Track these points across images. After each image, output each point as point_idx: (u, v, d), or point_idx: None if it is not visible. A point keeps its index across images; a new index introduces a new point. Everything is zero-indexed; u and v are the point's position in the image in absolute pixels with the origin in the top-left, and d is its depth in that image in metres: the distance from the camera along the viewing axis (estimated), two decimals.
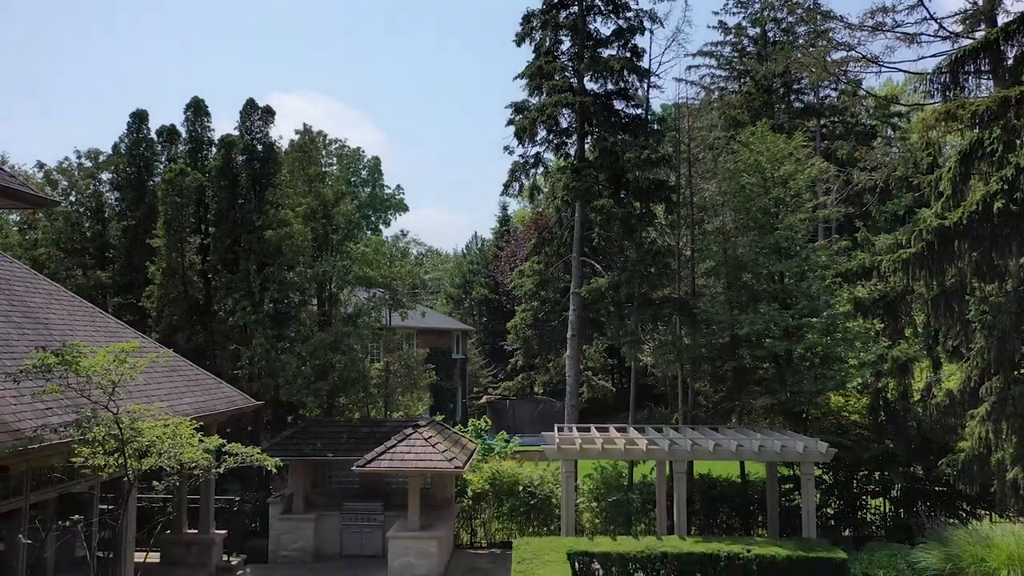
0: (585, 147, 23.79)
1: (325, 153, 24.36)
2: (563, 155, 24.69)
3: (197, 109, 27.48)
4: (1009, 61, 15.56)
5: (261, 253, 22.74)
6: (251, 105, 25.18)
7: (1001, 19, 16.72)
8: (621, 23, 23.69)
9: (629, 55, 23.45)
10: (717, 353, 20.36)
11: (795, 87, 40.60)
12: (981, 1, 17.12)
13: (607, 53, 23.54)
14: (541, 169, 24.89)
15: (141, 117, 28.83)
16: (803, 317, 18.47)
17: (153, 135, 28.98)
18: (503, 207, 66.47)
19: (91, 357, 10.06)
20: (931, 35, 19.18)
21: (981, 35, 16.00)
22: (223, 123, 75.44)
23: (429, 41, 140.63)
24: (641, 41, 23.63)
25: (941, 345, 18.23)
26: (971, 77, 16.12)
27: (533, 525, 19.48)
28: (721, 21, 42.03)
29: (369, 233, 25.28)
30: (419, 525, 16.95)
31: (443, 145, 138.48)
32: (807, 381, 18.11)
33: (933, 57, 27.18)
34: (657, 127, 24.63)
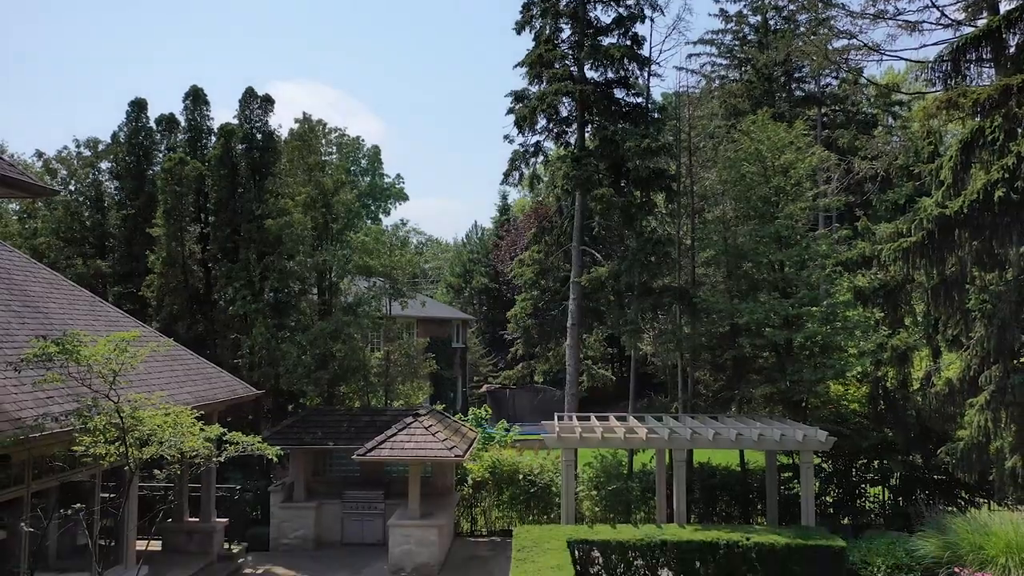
0: (585, 136, 23.74)
1: (325, 142, 24.30)
2: (563, 144, 24.65)
3: (196, 98, 27.40)
4: (1011, 49, 15.49)
5: (261, 242, 22.74)
6: (250, 94, 25.12)
7: (1003, 7, 16.70)
8: (621, 11, 23.58)
9: (629, 43, 23.35)
10: (717, 342, 20.39)
11: (796, 75, 40.46)
12: None
13: (607, 41, 23.44)
14: (541, 158, 24.84)
15: (140, 106, 28.76)
16: (803, 306, 18.47)
17: (152, 124, 28.93)
18: (503, 196, 66.51)
19: (91, 346, 10.07)
20: (933, 23, 19.13)
21: (983, 23, 15.93)
22: (222, 112, 75.25)
23: (429, 29, 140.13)
24: (641, 29, 23.67)
25: (941, 334, 18.24)
26: (973, 65, 16.06)
27: (533, 513, 19.56)
28: (722, 9, 41.82)
29: (369, 222, 25.27)
30: (419, 513, 17.02)
31: (443, 134, 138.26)
32: (807, 370, 18.15)
33: (935, 45, 27.14)
34: (657, 116, 24.55)
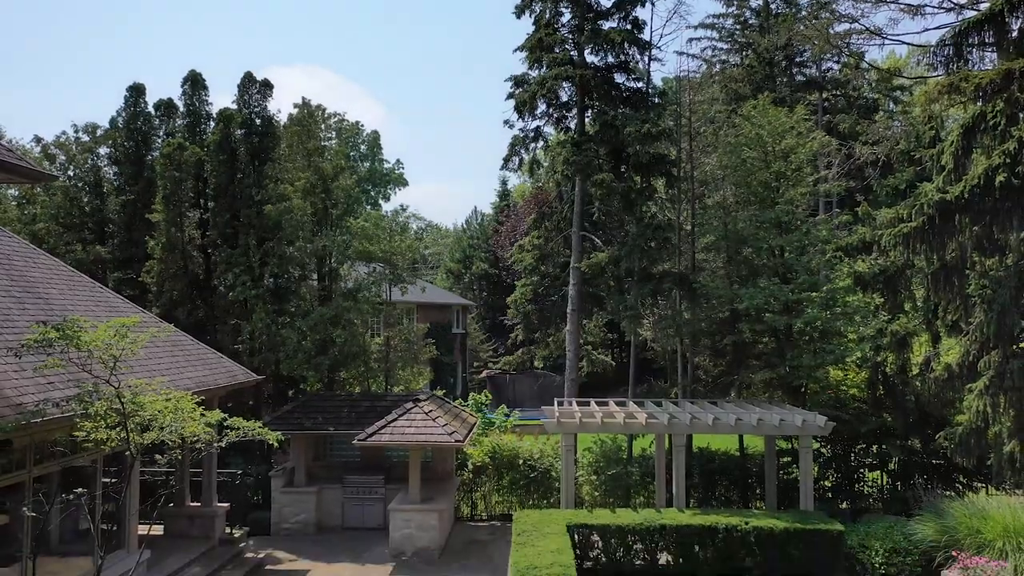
0: (585, 121, 23.65)
1: (324, 127, 24.12)
2: (563, 129, 24.55)
3: (195, 83, 27.27)
4: (1013, 33, 15.38)
5: (261, 228, 22.70)
6: (249, 79, 25.00)
7: None
8: None
9: (630, 27, 23.22)
10: (717, 327, 20.40)
11: (797, 60, 40.25)
12: None
13: (608, 25, 23.31)
14: (541, 143, 24.77)
15: (138, 91, 28.62)
16: (803, 291, 18.48)
17: (151, 109, 28.80)
18: (503, 181, 66.34)
19: (92, 332, 10.08)
20: (935, 7, 18.99)
21: (986, 6, 15.79)
22: (221, 97, 75.13)
23: (429, 14, 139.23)
24: (642, 13, 23.39)
25: (940, 319, 18.23)
26: (975, 49, 15.94)
27: (533, 498, 19.65)
28: None
29: (369, 208, 25.09)
30: (420, 498, 17.10)
31: (443, 119, 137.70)
32: (806, 355, 18.17)
33: (937, 29, 26.99)
34: (658, 101, 24.44)
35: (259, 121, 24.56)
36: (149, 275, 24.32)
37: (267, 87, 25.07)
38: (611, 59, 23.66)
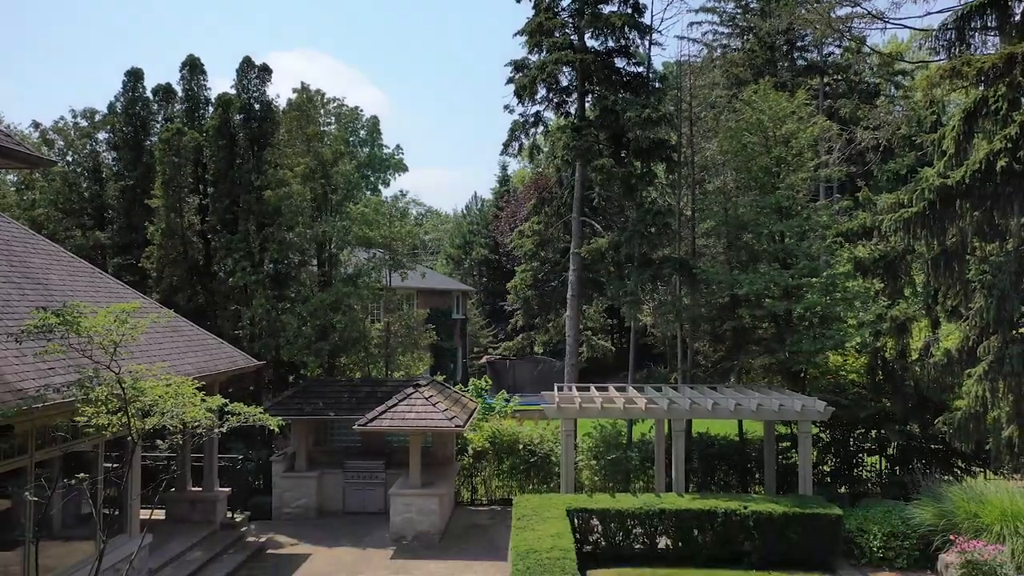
0: (585, 106, 23.55)
1: (323, 112, 24.02)
2: (563, 114, 24.45)
3: (193, 67, 27.13)
4: (1016, 17, 15.30)
5: (260, 213, 22.66)
6: (248, 63, 24.86)
7: None
8: None
9: (630, 11, 23.06)
10: (716, 313, 20.41)
11: (799, 44, 40.10)
12: None
13: (608, 9, 23.13)
14: (541, 128, 24.67)
15: (136, 76, 28.47)
16: (803, 277, 18.48)
17: (149, 94, 28.67)
18: (503, 167, 66.13)
19: (92, 317, 10.06)
20: None
21: None
22: (220, 82, 74.85)
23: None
24: None
25: (940, 305, 18.24)
26: (977, 33, 15.86)
27: (533, 483, 19.73)
28: None
29: (368, 193, 25.04)
30: (420, 483, 17.17)
31: (443, 104, 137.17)
32: (806, 341, 18.19)
33: (939, 13, 26.78)
34: (658, 85, 24.33)
35: (258, 106, 24.45)
36: (149, 261, 24.30)
37: (266, 72, 24.94)
38: (611, 43, 23.54)
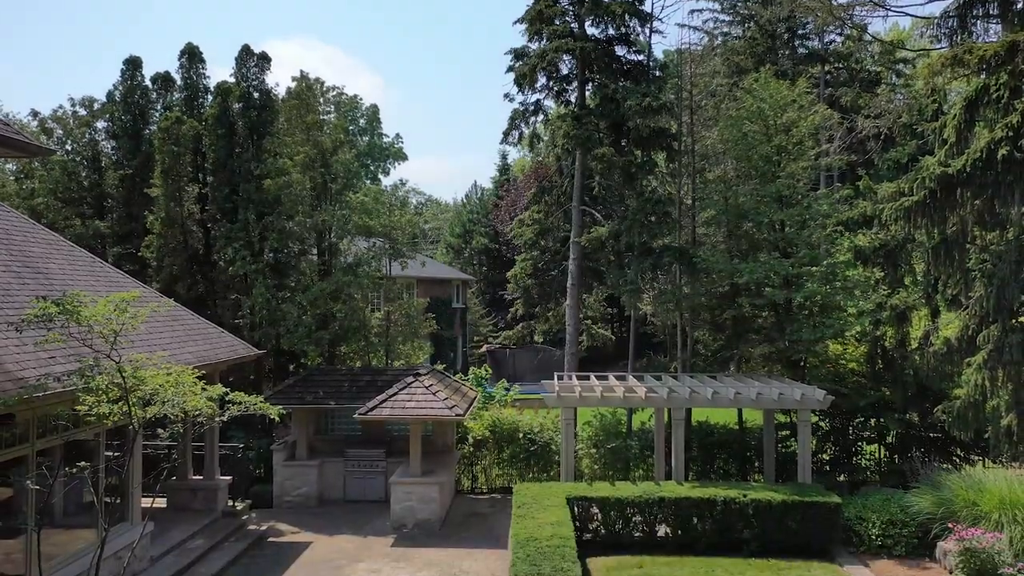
0: (586, 94, 23.47)
1: (323, 101, 23.94)
2: (563, 102, 24.37)
3: (192, 56, 27.02)
4: (1019, 4, 15.23)
5: (260, 202, 22.62)
6: (247, 52, 24.75)
7: None
8: None
9: None
10: (716, 302, 20.41)
11: (800, 32, 39.92)
12: None
13: None
14: (541, 117, 24.61)
15: (135, 64, 28.39)
16: (803, 266, 18.47)
17: (148, 83, 28.59)
18: (503, 156, 66.07)
19: (92, 306, 10.07)
20: None
21: None
22: (219, 71, 74.61)
23: None
24: None
25: (940, 294, 18.25)
26: (979, 21, 15.80)
27: (533, 471, 19.78)
28: None
29: (368, 182, 25.00)
30: (421, 471, 17.22)
31: (443, 93, 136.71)
32: (806, 329, 18.20)
33: (941, 0, 26.66)
34: (659, 74, 24.22)
35: (257, 95, 24.36)
36: (149, 250, 24.28)
37: (265, 60, 24.83)
38: (612, 31, 23.44)
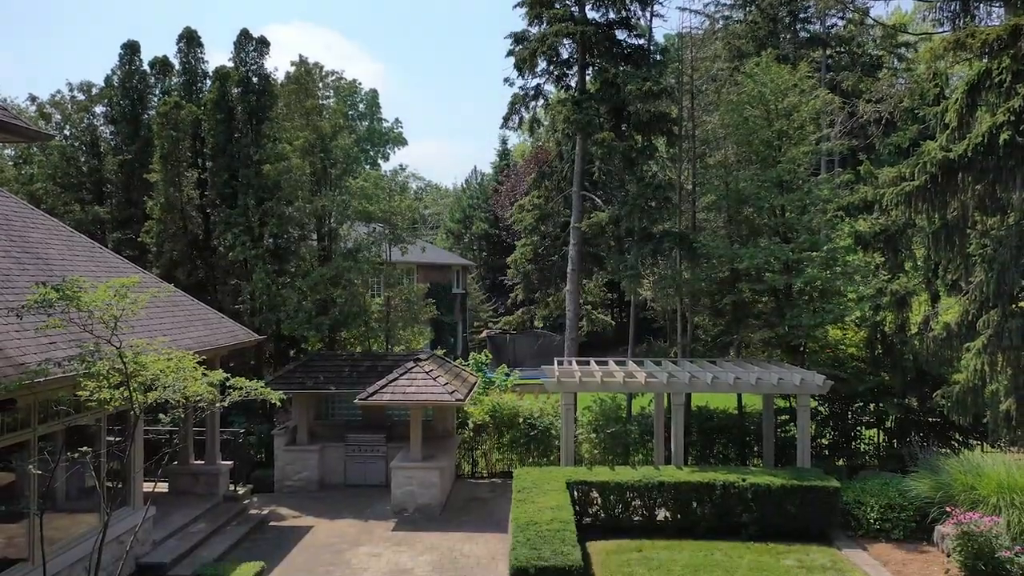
0: (586, 79, 23.38)
1: (322, 86, 23.84)
2: (564, 87, 24.29)
3: (190, 40, 26.87)
4: None
5: (259, 188, 22.57)
6: (245, 36, 24.58)
7: None
8: None
9: None
10: (717, 287, 20.41)
11: (801, 16, 39.67)
12: None
13: None
14: (541, 101, 24.54)
15: (133, 48, 28.21)
16: (803, 251, 18.46)
17: (146, 67, 28.42)
18: (503, 141, 65.87)
19: (92, 292, 10.07)
20: None
21: None
22: (217, 55, 74.10)
23: None
24: None
25: (940, 279, 18.24)
26: (982, 5, 15.74)
27: (533, 456, 19.86)
28: None
29: (368, 167, 24.94)
30: (421, 456, 17.29)
31: (442, 78, 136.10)
32: (805, 315, 18.22)
33: None
34: (659, 58, 24.12)
35: (256, 79, 24.23)
36: (148, 235, 24.24)
37: (264, 45, 24.66)
38: (612, 15, 23.33)
